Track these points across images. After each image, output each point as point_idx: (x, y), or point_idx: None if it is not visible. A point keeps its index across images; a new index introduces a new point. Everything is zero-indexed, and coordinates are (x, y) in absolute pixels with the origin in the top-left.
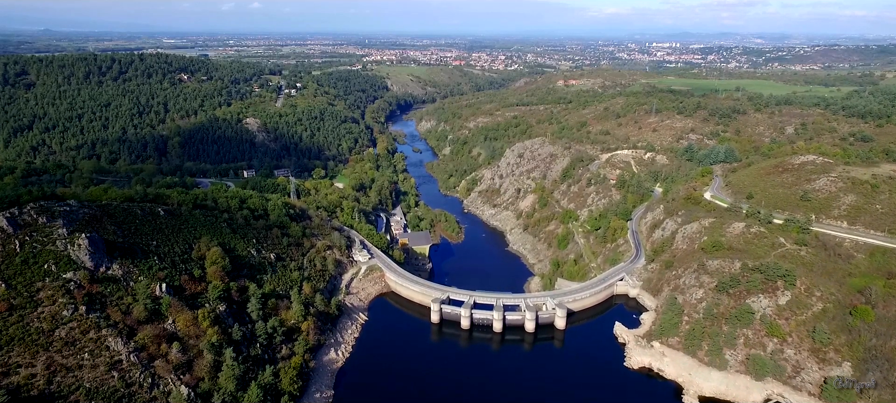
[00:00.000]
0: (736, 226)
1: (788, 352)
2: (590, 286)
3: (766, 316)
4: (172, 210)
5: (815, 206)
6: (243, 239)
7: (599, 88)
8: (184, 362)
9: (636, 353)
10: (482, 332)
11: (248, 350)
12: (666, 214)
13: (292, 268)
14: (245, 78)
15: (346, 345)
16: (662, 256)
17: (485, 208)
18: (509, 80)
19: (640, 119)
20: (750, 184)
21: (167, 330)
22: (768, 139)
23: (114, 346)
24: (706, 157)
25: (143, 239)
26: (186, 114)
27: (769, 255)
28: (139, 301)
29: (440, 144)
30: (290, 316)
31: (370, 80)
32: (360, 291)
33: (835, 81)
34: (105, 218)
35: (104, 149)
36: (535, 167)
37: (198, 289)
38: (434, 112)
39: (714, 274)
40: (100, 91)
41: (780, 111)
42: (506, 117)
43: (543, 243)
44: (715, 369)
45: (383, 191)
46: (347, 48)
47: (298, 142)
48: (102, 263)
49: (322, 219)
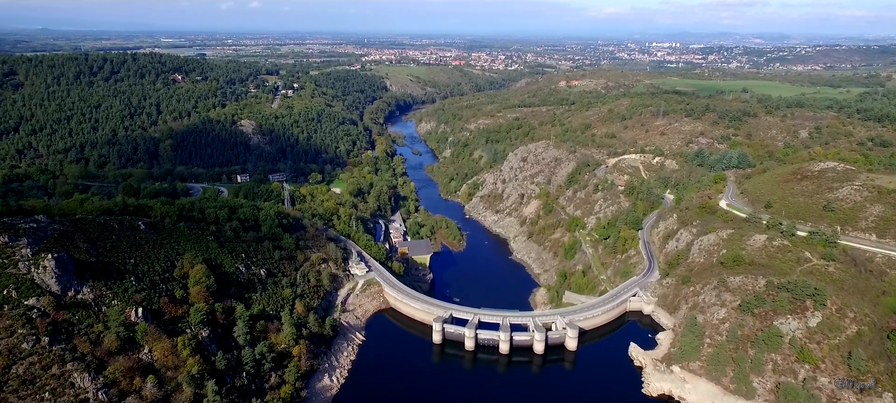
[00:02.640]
0: (757, 239)
1: (822, 380)
2: (602, 302)
3: (796, 340)
4: (155, 223)
5: (840, 217)
6: (231, 254)
7: (602, 89)
8: (160, 397)
9: (654, 379)
10: (487, 353)
11: (233, 381)
12: (680, 224)
13: (284, 285)
14: (241, 78)
15: (342, 370)
16: (678, 270)
17: (487, 214)
18: (510, 81)
19: (647, 121)
20: (767, 192)
21: (142, 360)
22: (782, 143)
23: (79, 383)
24: (718, 162)
25: (119, 258)
26: (179, 116)
27: (795, 271)
28: (111, 328)
29: (440, 146)
30: (280, 339)
31: (369, 81)
32: (357, 308)
33: (841, 82)
34: (77, 235)
35: (93, 152)
36: (539, 171)
37: (179, 313)
38: (434, 113)
39: (736, 292)
40: (90, 92)
41: (793, 113)
42: (507, 119)
43: (549, 252)
44: (741, 398)
45: (382, 196)
46: (346, 48)
47: (295, 144)
48: (71, 287)
49: (317, 229)
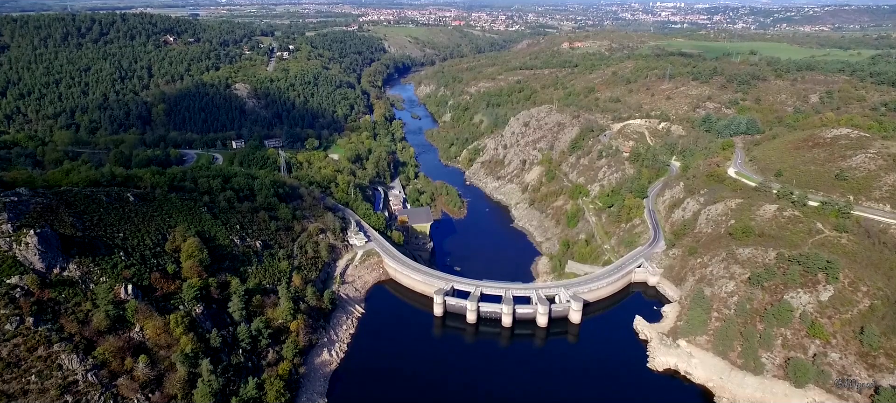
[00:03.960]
0: (767, 209)
1: (833, 356)
2: (606, 274)
3: (807, 314)
4: (144, 194)
5: (853, 187)
6: (225, 226)
7: (606, 51)
8: (152, 378)
9: (660, 353)
10: (490, 326)
11: (229, 359)
12: (686, 192)
13: (281, 257)
14: (235, 40)
15: (341, 344)
16: (684, 240)
17: (488, 180)
18: (511, 42)
19: (653, 85)
20: (777, 160)
21: (133, 340)
22: (791, 108)
23: (68, 364)
24: (726, 128)
25: (107, 231)
26: (172, 79)
27: (806, 243)
28: (100, 307)
29: (440, 110)
30: (277, 314)
31: (367, 42)
32: (357, 280)
33: (850, 44)
34: (62, 209)
35: (83, 117)
36: (542, 137)
37: (171, 288)
38: (433, 75)
39: (745, 264)
40: (79, 54)
41: (803, 77)
42: (509, 82)
43: (551, 220)
44: (750, 373)
45: (381, 162)
46: (343, 8)
47: (291, 108)
48: (56, 263)
49: (315, 198)
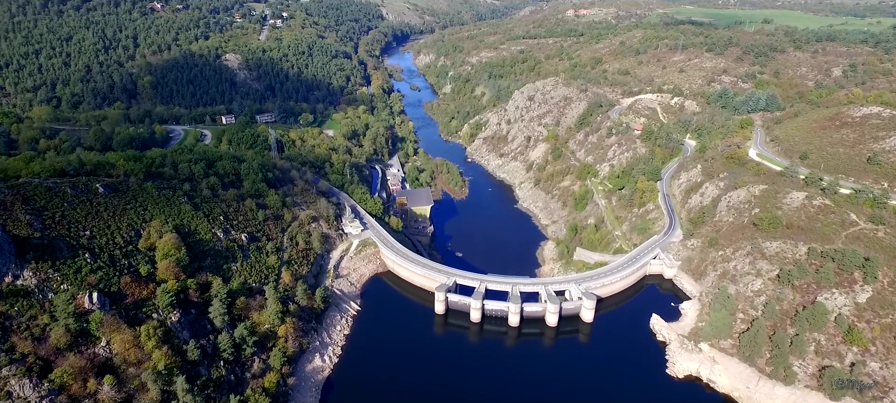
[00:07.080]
0: (795, 197)
1: (872, 365)
2: (620, 267)
3: (843, 318)
4: (116, 184)
5: (888, 172)
6: (208, 218)
7: (613, 19)
8: (120, 401)
9: (681, 358)
10: (495, 324)
11: (209, 372)
12: (704, 176)
13: (269, 251)
14: (226, 7)
15: (335, 347)
16: (703, 229)
17: (490, 157)
18: (513, 8)
19: (664, 56)
20: (802, 141)
21: (98, 357)
22: (813, 83)
23: (18, 391)
24: (744, 104)
25: (71, 230)
26: (159, 50)
27: (840, 236)
28: (59, 320)
29: (440, 81)
30: (263, 318)
31: (364, 8)
32: (352, 273)
33: (866, 11)
34: (18, 205)
35: (65, 90)
36: (548, 112)
37: (143, 294)
38: (433, 44)
39: (773, 260)
40: (60, 22)
41: (824, 49)
42: (511, 52)
43: (557, 201)
44: (779, 383)
45: (379, 138)
46: None
47: (284, 80)
48: (8, 271)
49: (307, 182)
